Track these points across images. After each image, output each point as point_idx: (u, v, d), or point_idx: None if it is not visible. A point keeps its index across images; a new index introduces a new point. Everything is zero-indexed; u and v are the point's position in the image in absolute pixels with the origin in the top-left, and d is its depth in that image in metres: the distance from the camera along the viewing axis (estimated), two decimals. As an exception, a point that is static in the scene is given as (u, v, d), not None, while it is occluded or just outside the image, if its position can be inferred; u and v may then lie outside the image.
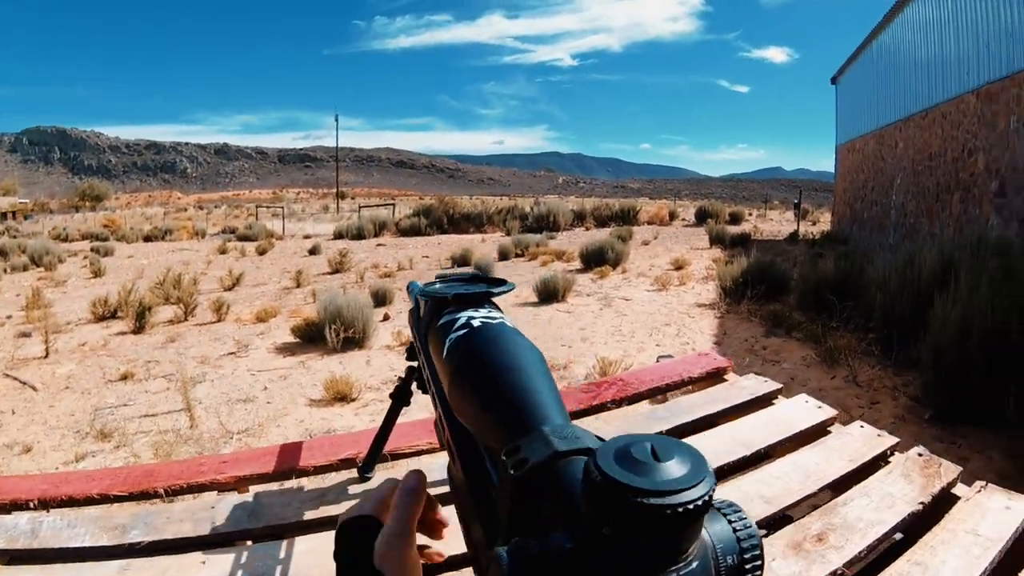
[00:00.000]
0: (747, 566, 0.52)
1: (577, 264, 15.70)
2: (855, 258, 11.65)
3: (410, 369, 1.57)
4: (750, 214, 41.05)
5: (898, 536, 1.61)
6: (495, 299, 0.92)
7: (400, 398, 1.63)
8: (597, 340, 8.21)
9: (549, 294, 10.89)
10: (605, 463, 0.48)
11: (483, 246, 20.57)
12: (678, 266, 14.50)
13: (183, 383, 6.08)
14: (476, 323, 0.81)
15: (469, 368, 0.74)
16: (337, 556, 0.72)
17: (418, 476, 1.08)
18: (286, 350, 8.21)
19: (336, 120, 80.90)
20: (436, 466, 1.78)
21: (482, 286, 0.95)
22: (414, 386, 1.53)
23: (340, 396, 6.23)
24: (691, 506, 0.45)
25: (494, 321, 0.81)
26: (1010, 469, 4.61)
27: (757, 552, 0.53)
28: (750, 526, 0.54)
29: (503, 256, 18.01)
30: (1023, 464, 4.58)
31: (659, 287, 11.91)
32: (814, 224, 31.74)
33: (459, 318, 0.84)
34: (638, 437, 0.51)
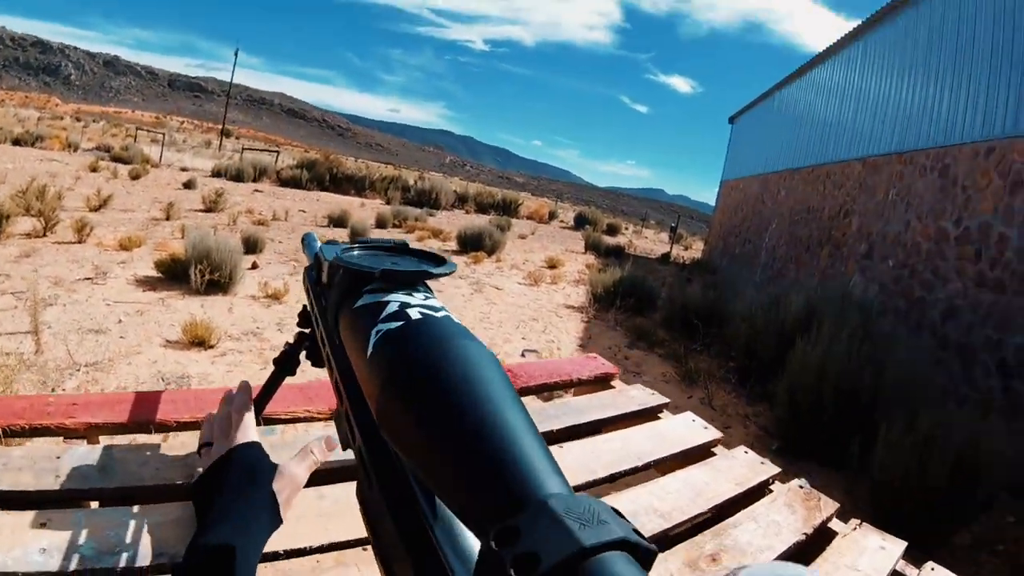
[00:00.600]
0: None
1: (453, 246, 15.65)
2: (723, 289, 11.99)
3: (300, 335, 1.28)
4: (627, 228, 41.92)
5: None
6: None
7: (285, 366, 1.33)
8: (464, 324, 8.17)
9: (422, 270, 10.79)
10: None
11: (362, 211, 20.28)
12: (552, 265, 14.63)
13: (33, 304, 5.72)
14: (414, 314, 0.65)
15: (413, 387, 0.56)
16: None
17: (245, 386, 1.02)
18: (147, 284, 7.86)
19: (236, 55, 78.14)
20: (312, 435, 1.67)
21: (416, 261, 0.80)
22: (303, 356, 1.28)
23: (198, 341, 5.99)
24: None
25: (437, 314, 0.65)
26: (848, 507, 4.80)
27: None
28: None
29: (380, 224, 17.81)
30: (862, 507, 4.80)
31: (531, 282, 11.98)
32: (686, 249, 32.63)
33: (388, 303, 0.68)
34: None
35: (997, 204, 7.54)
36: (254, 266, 9.58)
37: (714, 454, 2.06)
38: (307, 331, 1.22)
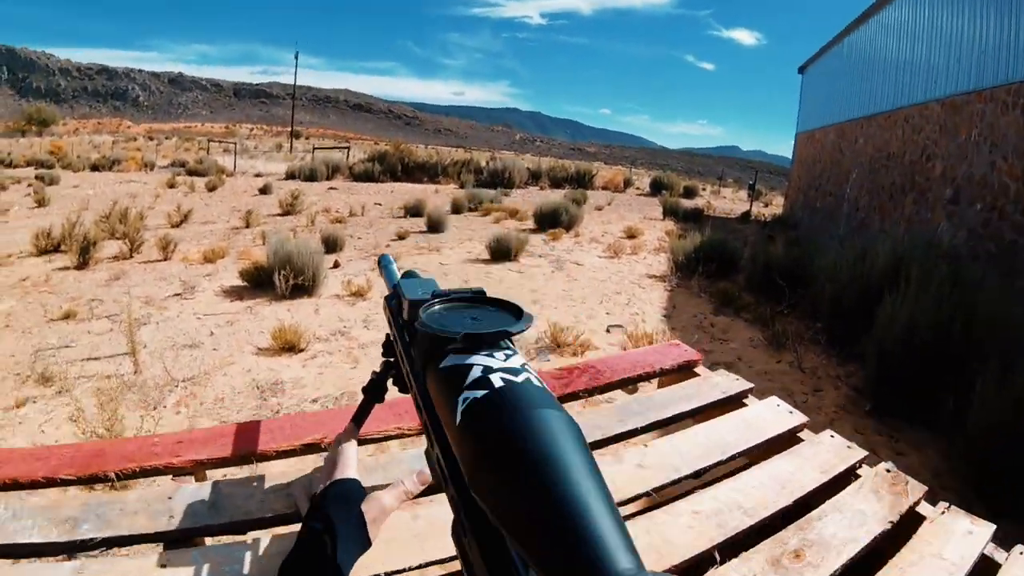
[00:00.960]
0: None
1: (530, 224, 15.66)
2: (806, 245, 11.77)
3: (386, 364, 1.34)
4: (704, 189, 41.30)
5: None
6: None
7: (374, 394, 1.41)
8: (547, 303, 8.22)
9: (502, 253, 10.85)
10: None
11: (436, 197, 20.40)
12: (631, 235, 14.56)
13: (128, 325, 5.94)
14: (497, 382, 0.69)
15: (500, 462, 0.62)
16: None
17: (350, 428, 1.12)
18: (233, 294, 8.10)
19: (296, 57, 79.10)
20: (406, 455, 1.72)
21: (495, 316, 0.83)
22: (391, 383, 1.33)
23: (288, 346, 6.15)
24: None
25: (518, 378, 0.69)
26: (943, 468, 4.73)
27: None
28: None
29: (456, 210, 17.87)
30: (956, 465, 4.69)
31: (611, 254, 11.95)
32: (766, 206, 32.05)
33: (472, 368, 0.72)
34: None
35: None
36: (336, 265, 9.76)
37: (800, 440, 2.03)
38: (392, 360, 1.28)
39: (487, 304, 0.86)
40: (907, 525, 1.69)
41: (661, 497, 1.70)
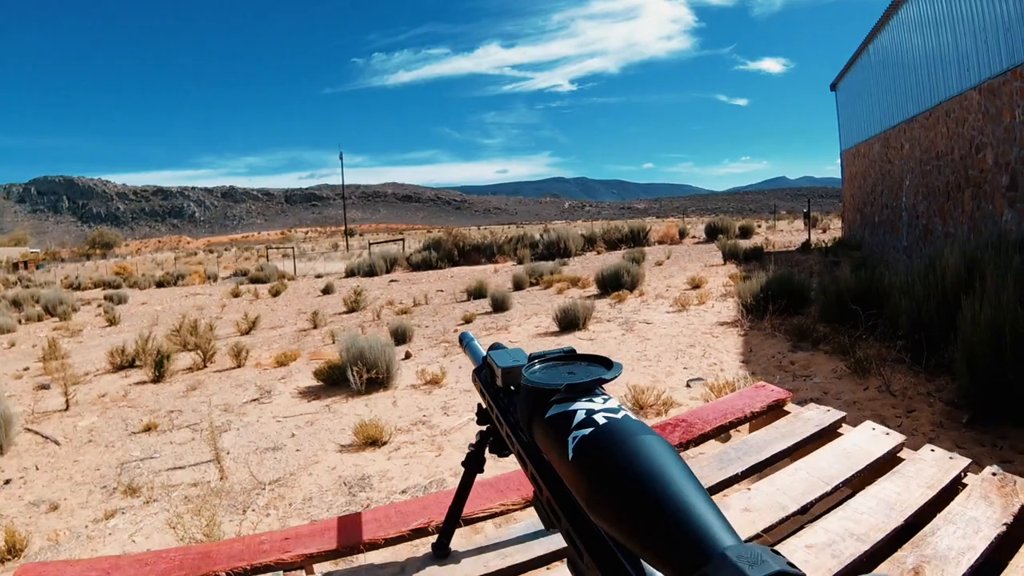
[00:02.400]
0: None
1: (593, 289, 15.69)
2: (873, 264, 11.60)
3: (482, 434, 1.50)
4: (759, 226, 41.03)
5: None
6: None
7: (474, 465, 1.57)
8: (624, 367, 8.15)
9: (570, 323, 10.87)
10: None
11: (496, 277, 20.57)
12: (695, 285, 14.49)
13: (210, 433, 6.06)
14: (600, 419, 0.80)
15: (615, 484, 0.73)
16: None
17: None
18: (310, 394, 8.19)
19: (341, 158, 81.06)
20: (513, 529, 1.75)
21: (588, 368, 0.94)
22: (487, 451, 1.49)
23: (371, 440, 6.18)
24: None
25: (618, 415, 0.81)
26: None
27: None
28: None
29: (518, 286, 17.96)
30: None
31: (678, 308, 11.88)
32: (824, 231, 31.65)
33: (576, 411, 0.83)
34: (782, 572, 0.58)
35: None
36: (407, 356, 9.84)
37: (901, 459, 2.03)
38: (486, 428, 1.41)
39: (579, 360, 0.99)
40: (1021, 525, 1.67)
41: (773, 537, 1.71)
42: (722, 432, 2.32)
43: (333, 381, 8.34)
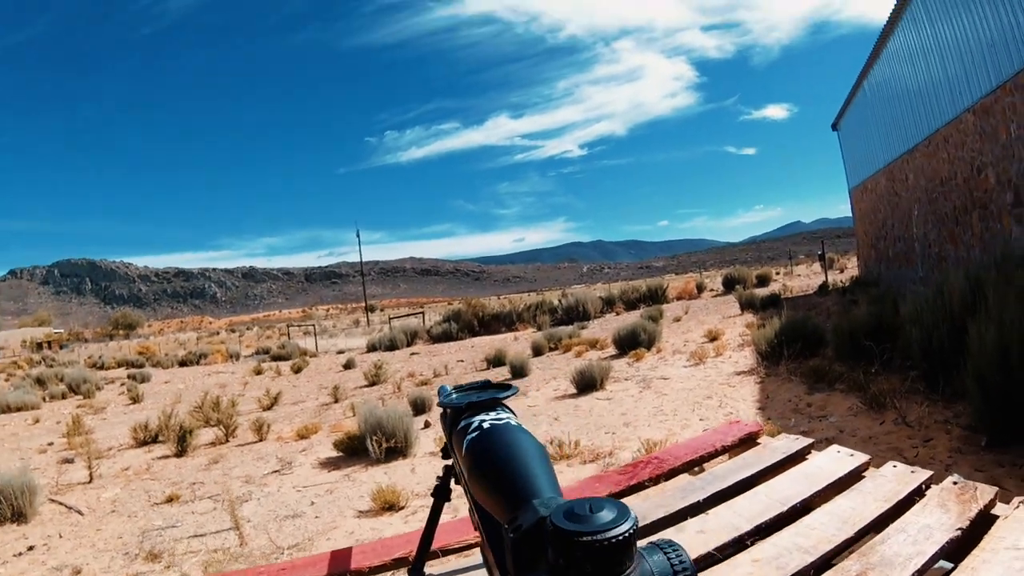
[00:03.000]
0: None
1: (612, 350, 15.64)
2: (887, 298, 11.54)
3: (447, 468, 1.71)
4: (777, 273, 40.95)
5: (947, 565, 1.59)
6: (507, 401, 1.20)
7: (441, 495, 1.77)
8: (640, 423, 8.14)
9: (587, 384, 10.84)
10: (556, 518, 0.71)
11: (516, 344, 20.59)
12: (712, 337, 14.45)
13: (230, 502, 6.13)
14: (486, 425, 1.04)
15: (479, 461, 0.98)
16: None
17: None
18: (330, 464, 8.20)
19: (358, 235, 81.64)
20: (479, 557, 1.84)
21: (491, 392, 1.22)
22: (453, 482, 1.69)
23: (388, 505, 6.19)
24: (612, 540, 0.67)
25: (501, 422, 1.05)
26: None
27: None
28: (684, 560, 0.74)
29: (537, 352, 17.93)
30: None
31: (696, 361, 11.83)
32: (842, 272, 31.58)
33: (473, 422, 1.08)
34: (583, 500, 0.74)
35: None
36: (427, 425, 9.85)
37: (863, 477, 2.04)
38: (450, 462, 1.58)
39: (488, 388, 1.30)
40: (979, 528, 1.68)
41: (724, 553, 1.75)
42: (693, 466, 2.36)
43: (353, 451, 8.36)
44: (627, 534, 0.69)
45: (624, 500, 2.14)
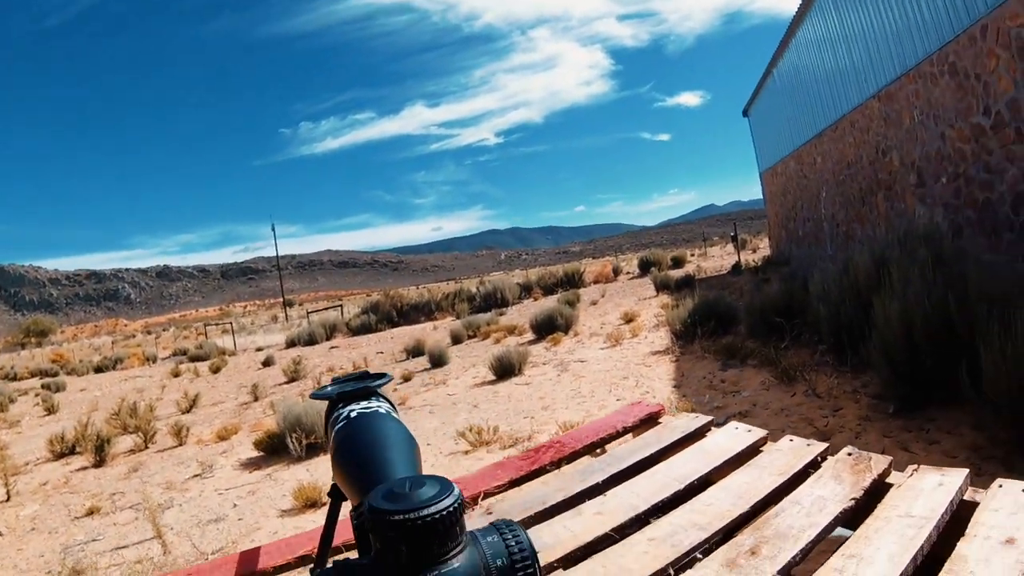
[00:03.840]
0: (519, 570, 0.67)
1: (530, 336, 15.69)
2: (797, 277, 11.79)
3: None
4: (692, 255, 41.57)
5: (848, 533, 1.59)
6: (382, 389, 1.20)
7: (337, 494, 1.64)
8: (558, 406, 8.16)
9: (506, 370, 10.84)
10: (374, 499, 0.67)
11: (435, 333, 20.53)
12: (628, 319, 14.56)
13: (151, 511, 5.96)
14: (354, 415, 1.04)
15: (339, 450, 0.99)
16: None
17: None
18: (251, 465, 8.07)
19: (273, 229, 79.96)
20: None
21: (363, 381, 1.19)
22: None
23: (311, 503, 6.11)
24: (428, 518, 0.63)
25: (369, 410, 1.05)
26: (981, 440, 4.68)
27: (528, 560, 0.67)
28: (523, 541, 0.69)
29: (456, 340, 17.90)
30: (993, 434, 4.61)
31: (612, 343, 11.93)
32: (754, 252, 32.23)
33: (343, 413, 1.07)
34: (405, 478, 0.71)
35: (1015, 77, 7.39)
36: (346, 417, 9.75)
37: (761, 452, 2.05)
38: None
39: (361, 378, 1.23)
40: (873, 498, 1.69)
41: (620, 534, 1.72)
42: (595, 448, 2.35)
43: (274, 450, 8.22)
44: (444, 512, 0.65)
45: (525, 485, 2.14)
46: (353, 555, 1.97)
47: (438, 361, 14.00)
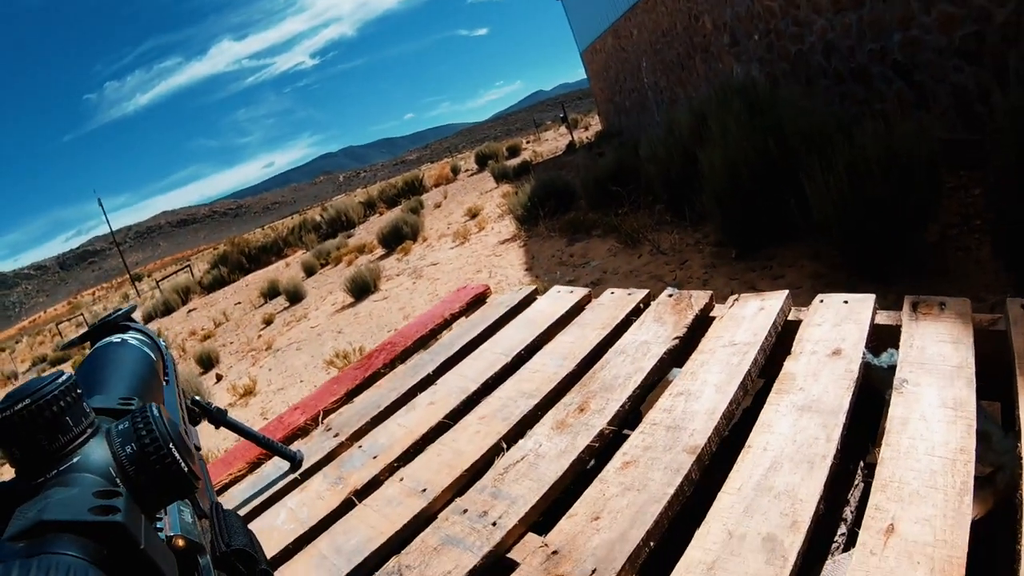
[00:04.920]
0: (152, 455, 0.60)
1: (380, 251, 15.53)
2: (627, 146, 11.98)
3: None
4: (527, 143, 41.66)
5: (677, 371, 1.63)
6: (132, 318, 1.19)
7: None
8: (418, 313, 8.13)
9: (362, 289, 10.74)
10: None
11: (288, 270, 20.14)
12: (473, 215, 14.56)
13: None
14: (88, 353, 1.00)
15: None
16: None
17: None
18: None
19: (100, 204, 75.93)
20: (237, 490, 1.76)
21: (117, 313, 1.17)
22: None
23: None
24: (21, 412, 0.57)
25: (101, 344, 1.00)
26: (821, 268, 4.93)
27: (159, 443, 0.61)
28: (152, 422, 0.62)
29: (310, 272, 17.60)
30: (830, 261, 4.88)
31: (461, 241, 11.93)
32: (586, 130, 32.56)
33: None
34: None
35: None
36: (218, 378, 9.55)
37: (585, 310, 2.07)
38: None
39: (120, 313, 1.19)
40: (697, 333, 1.71)
41: (455, 419, 1.71)
42: (426, 342, 2.34)
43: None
44: (38, 403, 0.58)
45: (363, 394, 2.12)
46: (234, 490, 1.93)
47: (295, 297, 13.79)
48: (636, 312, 1.92)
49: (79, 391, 0.63)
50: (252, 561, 0.73)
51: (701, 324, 1.76)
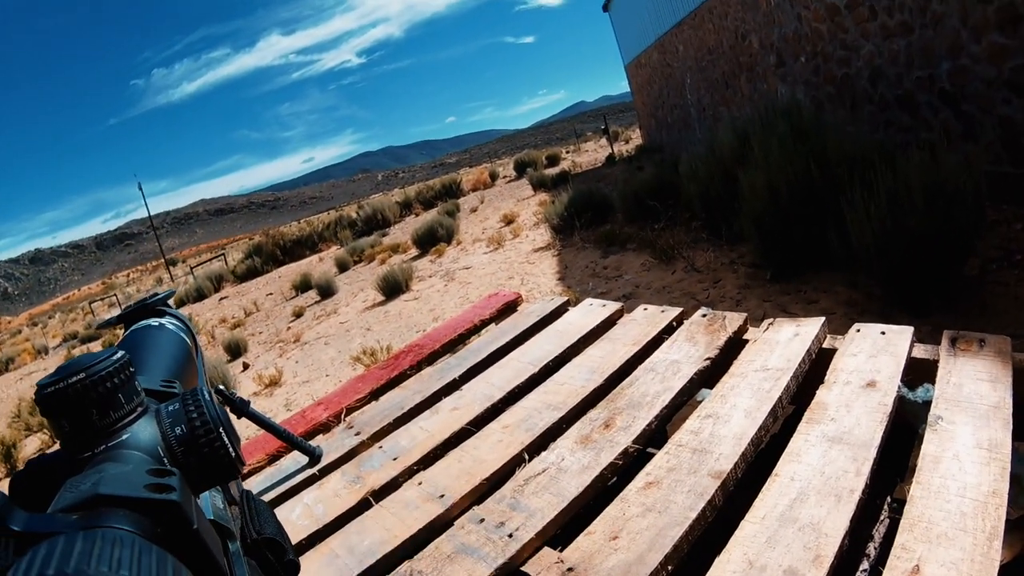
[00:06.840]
0: (201, 437, 0.61)
1: (414, 251, 15.58)
2: (668, 162, 11.95)
3: None
4: (566, 152, 41.64)
5: (710, 393, 1.60)
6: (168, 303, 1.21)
7: None
8: (448, 315, 8.14)
9: (393, 288, 10.77)
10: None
11: (321, 265, 20.23)
12: (509, 221, 14.57)
13: None
14: (126, 334, 1.02)
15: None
16: None
17: None
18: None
19: (140, 188, 76.64)
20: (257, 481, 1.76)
21: (152, 299, 1.19)
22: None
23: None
24: (76, 385, 0.58)
25: (140, 327, 1.04)
26: (856, 296, 4.87)
27: (210, 426, 0.61)
28: (204, 406, 0.63)
29: (342, 268, 17.64)
30: (866, 289, 4.84)
31: (495, 247, 11.93)
32: (627, 143, 32.50)
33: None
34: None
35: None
36: (245, 367, 9.59)
37: (616, 325, 2.04)
38: None
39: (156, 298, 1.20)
40: (729, 355, 1.68)
41: (477, 426, 1.70)
42: (454, 346, 2.33)
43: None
44: (93, 378, 0.59)
45: (387, 394, 2.10)
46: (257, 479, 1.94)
47: (327, 291, 13.82)
48: (668, 330, 1.90)
49: (132, 370, 0.63)
50: (281, 551, 0.73)
51: (734, 346, 1.73)
